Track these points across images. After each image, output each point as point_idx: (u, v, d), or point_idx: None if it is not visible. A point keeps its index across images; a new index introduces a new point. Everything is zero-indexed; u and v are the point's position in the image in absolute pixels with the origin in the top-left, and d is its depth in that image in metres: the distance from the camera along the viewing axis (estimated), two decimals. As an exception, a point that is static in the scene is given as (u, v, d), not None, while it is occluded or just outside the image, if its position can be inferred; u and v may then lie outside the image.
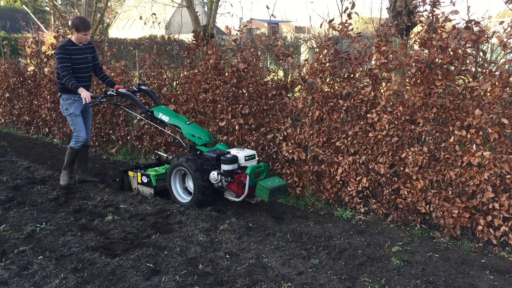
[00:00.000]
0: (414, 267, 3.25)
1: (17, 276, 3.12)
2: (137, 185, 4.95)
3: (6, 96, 9.20)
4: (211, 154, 4.32)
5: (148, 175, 4.79)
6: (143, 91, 5.06)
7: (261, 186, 4.08)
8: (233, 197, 4.34)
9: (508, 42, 3.47)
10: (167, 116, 4.67)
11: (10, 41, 11.26)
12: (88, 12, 10.14)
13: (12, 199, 4.74)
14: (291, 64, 5.03)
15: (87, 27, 4.94)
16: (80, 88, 4.80)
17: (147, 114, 4.83)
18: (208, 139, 4.56)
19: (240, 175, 4.23)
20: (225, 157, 4.24)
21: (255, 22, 25.28)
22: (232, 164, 4.22)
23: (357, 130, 4.23)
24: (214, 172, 4.27)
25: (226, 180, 4.23)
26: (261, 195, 4.11)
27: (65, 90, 5.01)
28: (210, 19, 10.38)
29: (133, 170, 5.00)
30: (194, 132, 4.55)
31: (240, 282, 3.01)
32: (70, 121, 5.14)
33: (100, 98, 4.97)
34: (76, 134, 5.11)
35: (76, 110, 5.07)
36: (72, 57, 4.90)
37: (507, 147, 3.49)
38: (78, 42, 4.98)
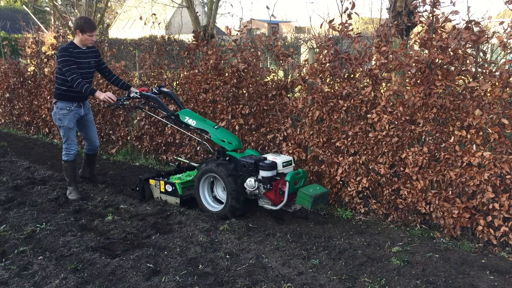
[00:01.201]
0: (414, 267, 3.25)
1: (17, 276, 3.12)
2: (159, 194, 4.68)
3: (6, 96, 9.20)
4: (248, 160, 4.08)
5: (173, 183, 4.52)
6: (164, 93, 4.79)
7: (303, 193, 3.87)
8: (269, 205, 4.10)
9: (508, 42, 3.47)
10: (193, 120, 4.42)
11: (10, 41, 11.25)
12: (88, 12, 10.15)
13: (12, 199, 4.74)
14: (291, 64, 5.03)
15: (92, 27, 4.58)
16: (98, 92, 4.47)
17: (172, 118, 4.57)
18: (238, 144, 4.33)
19: (278, 182, 4.02)
20: (264, 163, 4.01)
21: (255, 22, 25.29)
22: (271, 171, 4.01)
23: (357, 130, 4.23)
24: (251, 179, 4.05)
25: (265, 188, 4.01)
26: (303, 203, 3.90)
27: (62, 97, 4.66)
28: (210, 19, 10.38)
29: (154, 179, 4.72)
30: (223, 137, 4.30)
31: (240, 282, 3.01)
32: (62, 132, 4.78)
33: (123, 100, 4.64)
34: (66, 146, 4.80)
35: (70, 123, 4.70)
36: (76, 60, 4.52)
37: (507, 147, 3.49)
38: (82, 45, 4.60)
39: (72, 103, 4.67)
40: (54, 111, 4.74)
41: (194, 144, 5.73)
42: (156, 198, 4.72)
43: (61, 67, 4.50)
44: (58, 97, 4.69)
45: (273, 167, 4.02)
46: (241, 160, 4.13)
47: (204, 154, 5.66)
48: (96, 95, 4.45)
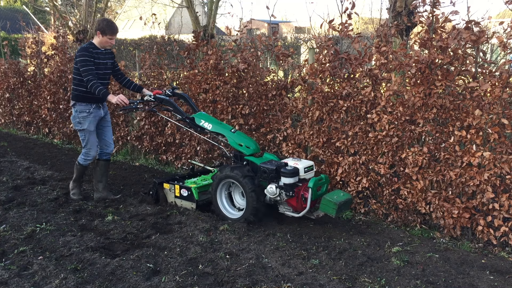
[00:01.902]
0: (414, 268, 3.25)
1: (17, 276, 3.12)
2: (174, 199, 4.53)
3: (6, 97, 9.20)
4: (269, 166, 3.93)
5: (189, 188, 4.37)
6: (177, 95, 4.64)
7: (327, 200, 3.75)
8: (290, 212, 3.97)
9: (508, 42, 3.47)
10: (210, 124, 4.27)
11: (10, 41, 11.26)
12: (88, 12, 10.13)
13: (12, 199, 4.73)
14: (291, 64, 5.03)
15: (114, 30, 4.46)
16: (110, 95, 4.32)
17: (187, 121, 4.42)
18: (256, 148, 4.19)
19: (300, 188, 3.88)
20: (286, 170, 3.86)
21: (255, 22, 25.29)
22: (294, 177, 3.86)
23: (357, 131, 4.23)
24: (272, 185, 3.90)
25: (287, 195, 3.87)
26: (327, 211, 3.78)
27: (81, 98, 4.49)
28: (210, 19, 10.38)
29: (169, 182, 4.57)
30: (241, 141, 4.16)
31: (240, 282, 3.01)
32: (82, 136, 4.59)
33: (136, 103, 4.52)
34: (85, 151, 4.60)
35: (90, 125, 4.52)
36: (95, 61, 4.40)
37: (507, 147, 3.49)
38: (101, 46, 4.49)
39: (91, 104, 4.51)
40: (73, 115, 4.57)
41: (194, 144, 5.73)
42: (170, 202, 4.57)
43: (78, 67, 4.36)
44: (76, 99, 4.52)
45: (295, 174, 3.87)
46: (261, 166, 3.98)
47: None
48: (108, 99, 4.32)
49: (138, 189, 5.21)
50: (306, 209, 3.83)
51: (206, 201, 4.41)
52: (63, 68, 7.55)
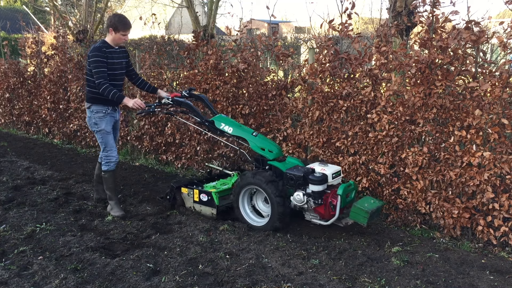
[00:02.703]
0: (414, 268, 3.25)
1: (17, 276, 3.12)
2: (193, 204, 4.34)
3: (6, 97, 9.20)
4: (296, 173, 3.76)
5: (209, 192, 4.17)
6: (194, 96, 4.46)
7: (358, 208, 3.58)
8: (317, 219, 3.81)
9: (508, 42, 3.47)
10: (230, 127, 4.09)
11: (10, 41, 11.26)
12: (88, 12, 10.13)
13: (12, 199, 4.73)
14: (291, 64, 5.03)
15: (127, 26, 4.20)
16: (126, 98, 4.13)
17: (206, 125, 4.25)
18: (279, 152, 4.04)
19: (328, 196, 3.72)
20: (315, 177, 3.68)
21: (255, 22, 25.28)
22: (322, 184, 3.69)
23: (357, 131, 4.23)
24: (299, 193, 3.74)
25: (316, 203, 3.71)
26: (357, 219, 3.61)
27: (96, 100, 4.27)
28: (210, 19, 10.38)
29: (187, 187, 4.38)
30: (263, 145, 4.00)
31: (240, 282, 3.01)
32: (100, 139, 4.36)
33: (154, 106, 4.31)
34: (106, 154, 4.35)
35: (107, 126, 4.31)
36: (108, 61, 4.17)
37: (507, 147, 3.49)
38: (114, 44, 4.24)
39: (107, 106, 4.30)
40: (89, 116, 4.36)
41: (194, 144, 5.72)
42: (188, 207, 4.40)
43: (91, 68, 4.15)
44: (92, 101, 4.32)
45: (324, 181, 3.69)
46: (287, 172, 3.82)
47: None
48: (124, 102, 4.12)
49: (138, 189, 5.21)
50: (335, 217, 3.66)
51: (227, 206, 4.21)
52: (63, 68, 7.55)
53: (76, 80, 7.24)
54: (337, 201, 3.65)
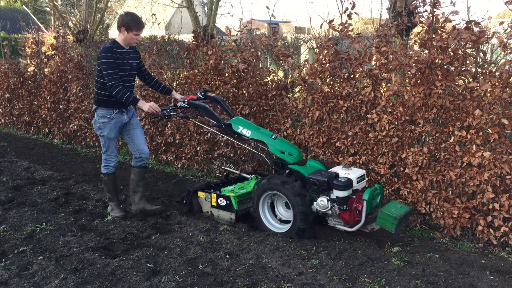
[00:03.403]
0: (414, 268, 3.24)
1: (17, 276, 3.12)
2: (210, 209, 4.22)
3: (6, 97, 9.21)
4: (320, 178, 3.62)
5: (227, 197, 4.06)
6: (210, 98, 4.30)
7: (385, 214, 3.44)
8: (341, 225, 3.68)
9: (508, 42, 3.47)
10: (248, 130, 3.97)
11: (10, 41, 11.26)
12: (88, 12, 10.13)
13: (12, 200, 4.73)
14: (291, 64, 5.03)
15: (140, 25, 4.04)
16: (140, 101, 3.99)
17: (223, 128, 4.11)
18: (299, 155, 3.92)
19: (353, 201, 3.58)
20: (339, 182, 3.55)
21: (255, 22, 25.27)
22: (347, 190, 3.55)
23: (357, 131, 4.23)
24: (323, 198, 3.60)
25: (340, 209, 3.58)
26: (384, 225, 3.47)
27: (103, 103, 4.11)
28: (210, 19, 10.38)
29: (204, 191, 4.27)
30: (283, 148, 3.88)
31: (240, 282, 3.01)
32: (103, 143, 4.25)
33: (169, 110, 4.17)
34: (105, 157, 4.27)
35: (110, 132, 4.16)
36: (119, 62, 3.99)
37: (507, 147, 3.49)
38: (125, 44, 4.07)
39: (112, 109, 4.11)
40: (94, 119, 4.23)
41: (194, 144, 5.73)
42: (205, 212, 4.29)
43: (101, 69, 3.98)
44: (98, 103, 4.14)
45: (349, 186, 3.55)
46: (310, 177, 3.68)
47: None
48: (138, 105, 3.98)
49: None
50: (360, 223, 3.52)
51: (245, 211, 4.09)
52: (63, 68, 7.56)
53: (76, 80, 7.24)
54: (362, 206, 3.51)
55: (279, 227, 3.89)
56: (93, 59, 7.36)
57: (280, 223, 3.94)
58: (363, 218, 3.51)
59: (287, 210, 3.90)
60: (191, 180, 5.64)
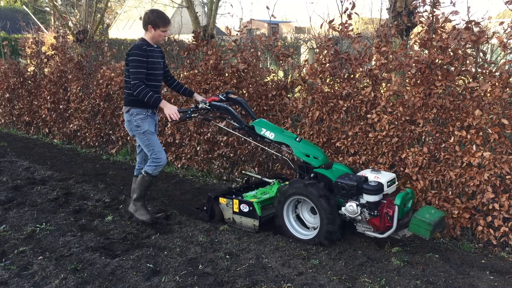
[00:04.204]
0: (414, 268, 3.24)
1: (17, 276, 3.12)
2: (232, 215, 4.04)
3: (6, 97, 9.21)
4: (348, 182, 3.47)
5: (250, 202, 3.89)
6: (232, 100, 4.16)
7: (419, 220, 3.31)
8: (371, 231, 3.53)
9: (508, 42, 3.47)
10: (271, 132, 3.86)
11: (10, 41, 11.27)
12: (88, 12, 10.13)
13: (12, 200, 4.73)
14: (291, 64, 5.03)
15: (167, 21, 3.93)
16: (163, 102, 3.85)
17: (246, 130, 4.01)
18: (324, 159, 3.79)
19: (383, 206, 3.43)
20: (370, 186, 3.41)
21: (255, 22, 25.29)
22: (378, 194, 3.40)
23: (357, 131, 4.23)
24: (352, 203, 3.45)
25: (371, 214, 3.43)
26: (418, 232, 3.33)
27: (136, 103, 3.95)
28: (210, 19, 10.38)
29: (226, 197, 4.10)
30: (308, 151, 3.75)
31: (240, 282, 3.01)
32: (146, 141, 4.00)
33: (190, 112, 4.04)
34: (155, 156, 3.99)
35: (150, 126, 4.02)
36: (149, 60, 3.88)
37: (507, 147, 3.49)
38: (154, 42, 3.97)
39: (146, 109, 4.00)
40: (128, 120, 4.03)
41: (194, 144, 5.73)
42: (227, 219, 4.10)
43: (129, 68, 3.87)
44: (131, 104, 3.99)
45: (380, 190, 3.41)
46: (339, 181, 3.53)
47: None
48: (160, 105, 3.85)
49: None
50: (392, 229, 3.38)
51: (269, 217, 3.95)
52: (63, 68, 7.56)
53: (76, 80, 7.24)
54: (394, 211, 3.37)
55: (306, 234, 3.73)
56: (93, 59, 7.36)
57: (306, 230, 3.78)
58: (394, 224, 3.36)
59: (313, 216, 3.77)
60: (191, 180, 5.64)
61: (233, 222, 4.06)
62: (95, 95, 6.93)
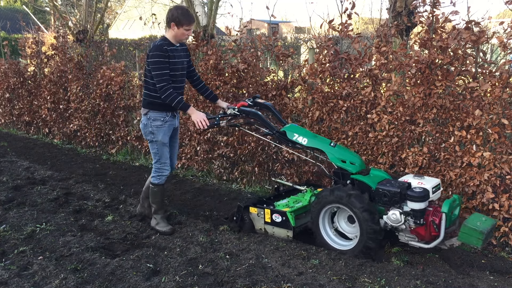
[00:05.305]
0: (414, 268, 3.24)
1: (17, 276, 3.12)
2: (264, 225, 3.84)
3: (6, 97, 9.21)
4: (391, 188, 3.27)
5: (283, 212, 3.69)
6: (259, 104, 4.01)
7: (469, 229, 3.10)
8: (415, 241, 3.32)
9: (508, 42, 3.48)
10: (304, 138, 3.66)
11: (10, 41, 11.26)
12: (88, 12, 10.12)
13: (12, 200, 4.73)
14: (291, 64, 5.03)
15: (191, 19, 3.74)
16: (191, 108, 3.69)
17: (276, 136, 3.82)
18: (362, 164, 3.60)
19: (429, 214, 3.23)
20: (415, 192, 3.19)
21: (255, 22, 25.28)
22: (424, 201, 3.18)
23: (357, 131, 4.23)
24: (395, 211, 3.23)
25: (417, 223, 3.21)
26: (469, 241, 3.13)
27: (154, 105, 3.78)
28: (210, 19, 10.38)
29: (256, 206, 3.87)
30: (343, 157, 3.56)
31: (240, 282, 3.01)
32: (154, 149, 3.88)
33: (218, 119, 3.84)
34: (159, 166, 3.90)
35: (164, 137, 3.83)
36: (170, 61, 3.69)
37: (507, 147, 3.49)
38: (176, 41, 3.77)
39: (166, 112, 3.81)
40: (145, 123, 3.85)
41: (194, 144, 5.73)
42: (258, 229, 3.89)
43: (150, 70, 3.69)
44: (150, 106, 3.81)
45: (426, 197, 3.19)
46: (380, 188, 3.33)
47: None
48: (188, 112, 3.70)
49: (138, 189, 5.19)
50: (439, 239, 3.18)
51: (304, 227, 3.78)
52: (63, 68, 7.56)
53: (76, 80, 7.24)
54: (441, 219, 3.18)
55: (343, 244, 3.55)
56: (93, 59, 7.36)
57: (343, 240, 3.59)
58: (442, 233, 3.16)
59: (350, 225, 3.57)
60: (191, 180, 5.64)
61: (265, 232, 3.86)
62: (95, 95, 6.93)
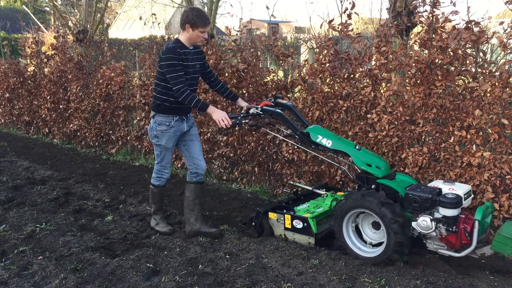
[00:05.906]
0: (414, 268, 3.24)
1: (17, 276, 3.12)
2: (284, 232, 3.72)
3: (6, 96, 9.21)
4: (422, 194, 3.13)
5: (304, 218, 3.57)
6: (280, 105, 3.90)
7: (504, 237, 2.97)
8: (444, 249, 3.19)
9: (508, 42, 3.48)
10: (329, 140, 3.56)
11: (10, 41, 11.27)
12: (88, 12, 10.12)
13: (12, 199, 4.73)
14: (291, 64, 5.03)
15: (206, 21, 3.64)
16: (211, 107, 3.59)
17: (299, 137, 3.74)
18: (387, 168, 3.50)
19: (460, 221, 3.11)
20: (447, 198, 3.05)
21: (255, 22, 25.27)
22: (457, 208, 3.05)
23: (357, 131, 4.23)
24: (426, 218, 3.11)
25: (449, 230, 3.08)
26: (503, 250, 3.03)
27: (163, 109, 3.72)
28: (210, 19, 10.38)
29: (276, 211, 3.76)
30: (369, 160, 3.46)
31: (240, 282, 3.01)
32: (157, 152, 3.86)
33: (240, 118, 3.74)
34: (160, 168, 3.90)
35: (168, 142, 3.77)
36: (183, 64, 3.61)
37: (507, 147, 3.49)
38: (190, 44, 3.68)
39: (172, 116, 3.73)
40: (151, 126, 3.82)
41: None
42: (278, 235, 3.78)
43: (164, 72, 3.61)
44: (157, 110, 3.75)
45: (458, 203, 3.06)
46: (409, 193, 3.20)
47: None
48: (208, 112, 3.59)
49: (138, 189, 5.21)
50: (471, 247, 3.06)
51: (326, 233, 3.68)
52: (63, 68, 7.56)
53: (76, 80, 7.24)
54: (473, 227, 3.07)
55: (368, 251, 3.42)
56: (93, 59, 7.36)
57: (368, 246, 3.46)
58: (474, 241, 3.04)
59: (375, 231, 3.45)
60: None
61: (285, 238, 3.74)
62: (95, 95, 6.93)
